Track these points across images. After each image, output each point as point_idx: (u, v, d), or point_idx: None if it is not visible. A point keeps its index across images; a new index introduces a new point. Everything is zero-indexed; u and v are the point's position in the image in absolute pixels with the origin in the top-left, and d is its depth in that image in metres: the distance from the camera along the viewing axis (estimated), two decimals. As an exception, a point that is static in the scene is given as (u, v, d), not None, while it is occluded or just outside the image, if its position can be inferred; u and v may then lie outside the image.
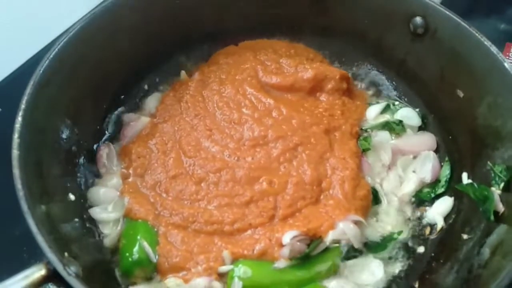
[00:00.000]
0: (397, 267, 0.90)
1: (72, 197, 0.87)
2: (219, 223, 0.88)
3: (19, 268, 0.90)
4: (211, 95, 1.05)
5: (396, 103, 1.10)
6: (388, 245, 0.90)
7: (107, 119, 1.04)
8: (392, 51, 1.09)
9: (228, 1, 1.10)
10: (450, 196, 0.97)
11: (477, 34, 0.91)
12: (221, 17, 1.12)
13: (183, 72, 1.12)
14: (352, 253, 0.88)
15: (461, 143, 0.99)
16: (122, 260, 0.84)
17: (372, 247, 0.90)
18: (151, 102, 1.08)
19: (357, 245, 0.87)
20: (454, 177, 0.98)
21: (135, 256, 0.82)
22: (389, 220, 0.94)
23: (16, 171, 0.71)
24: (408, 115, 1.07)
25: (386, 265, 0.89)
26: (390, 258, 0.90)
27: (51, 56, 0.86)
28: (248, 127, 0.99)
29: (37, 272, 0.63)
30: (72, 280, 0.62)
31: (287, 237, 0.84)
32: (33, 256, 0.94)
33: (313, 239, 0.85)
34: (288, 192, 0.91)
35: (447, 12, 0.95)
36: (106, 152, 0.98)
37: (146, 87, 1.11)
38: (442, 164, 1.01)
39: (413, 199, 0.97)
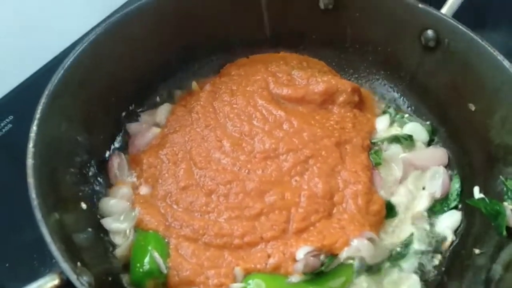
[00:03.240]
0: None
1: (84, 206, 0.87)
2: (228, 236, 0.87)
3: (29, 276, 0.91)
4: (222, 106, 1.06)
5: (406, 115, 1.10)
6: (406, 253, 0.90)
7: (118, 129, 1.05)
8: (403, 63, 1.09)
9: (238, 14, 1.11)
10: (460, 210, 0.96)
11: (489, 48, 0.91)
12: (232, 30, 1.14)
13: (194, 83, 1.13)
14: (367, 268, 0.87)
15: (472, 157, 0.98)
16: (132, 271, 0.84)
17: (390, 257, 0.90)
18: (162, 112, 1.09)
19: (370, 261, 0.86)
20: (465, 191, 0.98)
21: (146, 267, 0.82)
22: (403, 234, 0.93)
23: (30, 180, 0.71)
24: (416, 129, 1.07)
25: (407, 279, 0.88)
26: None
27: (66, 66, 0.87)
28: (259, 139, 0.99)
29: (50, 281, 0.63)
30: (85, 291, 0.62)
31: (301, 252, 0.83)
32: (43, 264, 0.94)
33: (327, 254, 0.85)
34: (301, 205, 0.90)
35: (459, 26, 0.95)
36: (117, 162, 0.98)
37: (157, 98, 1.12)
38: (452, 178, 1.00)
39: (425, 213, 0.97)
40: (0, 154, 1.12)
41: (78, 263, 0.69)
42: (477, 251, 0.88)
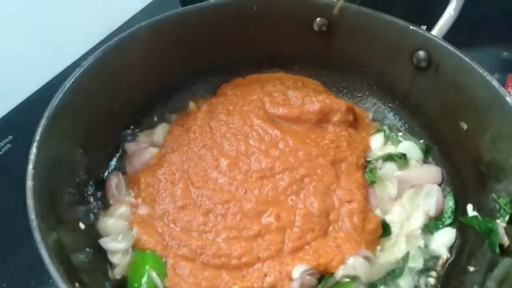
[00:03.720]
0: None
1: (82, 226, 0.88)
2: (226, 256, 0.88)
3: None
4: (218, 126, 1.07)
5: (400, 134, 1.12)
6: (402, 271, 0.91)
7: (116, 149, 1.06)
8: (395, 83, 1.11)
9: (233, 35, 1.14)
10: (455, 227, 0.97)
11: (478, 69, 0.93)
12: (227, 50, 1.16)
13: (191, 103, 1.15)
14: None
15: (465, 175, 1.00)
16: (130, 291, 0.85)
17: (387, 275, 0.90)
18: (160, 132, 1.10)
19: (366, 280, 0.87)
20: (459, 209, 0.99)
21: (144, 286, 0.83)
22: (398, 252, 0.94)
23: (30, 202, 0.72)
24: (410, 148, 1.08)
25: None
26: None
27: (65, 88, 0.89)
28: (255, 158, 1.00)
29: (49, 303, 0.64)
30: (83, 312, 0.62)
31: (297, 271, 0.84)
32: (41, 284, 0.95)
33: (323, 273, 0.85)
34: (297, 225, 0.91)
35: (449, 47, 0.97)
36: (115, 182, 0.99)
37: (155, 118, 1.13)
38: (445, 195, 1.02)
39: (420, 231, 0.98)
40: (-1, 174, 1.13)
41: (76, 284, 0.69)
42: (471, 268, 0.88)
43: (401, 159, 1.05)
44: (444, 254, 0.95)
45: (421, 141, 1.10)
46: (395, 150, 1.08)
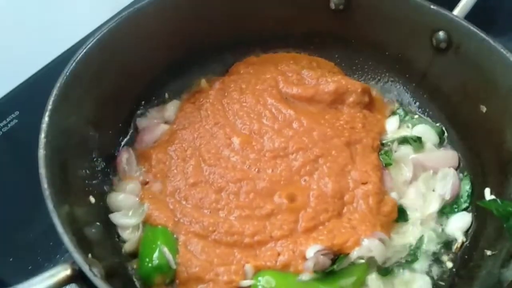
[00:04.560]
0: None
1: (92, 200, 0.86)
2: (239, 234, 0.86)
3: (33, 271, 0.90)
4: (231, 104, 1.06)
5: (416, 116, 1.10)
6: (418, 255, 0.89)
7: (127, 124, 1.04)
8: (413, 64, 1.09)
9: (248, 12, 1.11)
10: (471, 211, 0.96)
11: (501, 49, 0.91)
12: (241, 28, 1.13)
13: (203, 80, 1.13)
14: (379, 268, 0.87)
15: (483, 158, 0.98)
16: (141, 266, 0.83)
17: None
18: (171, 109, 1.08)
19: (381, 262, 0.86)
20: (476, 193, 0.97)
21: (155, 262, 0.81)
22: (413, 235, 0.92)
23: (42, 171, 0.70)
24: (425, 131, 1.06)
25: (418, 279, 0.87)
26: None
27: (78, 58, 0.87)
28: (268, 138, 0.99)
29: (62, 271, 0.62)
30: (97, 281, 0.60)
31: (311, 251, 0.83)
32: (48, 260, 0.94)
33: (337, 254, 0.84)
34: (310, 205, 0.90)
35: (472, 27, 0.95)
36: (125, 157, 0.97)
37: (166, 94, 1.11)
38: (461, 179, 1.00)
39: (436, 215, 0.96)
40: (6, 149, 1.11)
41: (89, 255, 0.67)
42: (488, 252, 0.87)
43: (416, 142, 1.04)
44: (460, 238, 0.93)
45: (438, 124, 1.08)
46: (411, 133, 1.06)
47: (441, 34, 1.00)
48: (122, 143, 1.02)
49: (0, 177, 1.04)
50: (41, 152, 0.72)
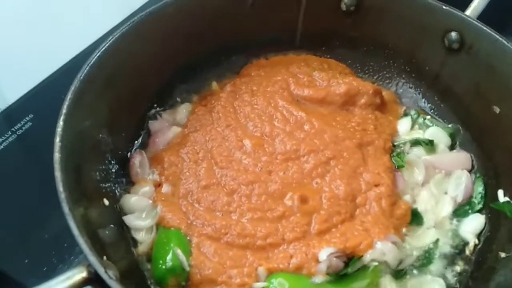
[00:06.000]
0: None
1: (106, 202, 0.87)
2: (251, 236, 0.86)
3: (48, 272, 0.91)
4: (242, 107, 1.06)
5: (428, 117, 1.09)
6: (432, 258, 0.89)
7: (140, 127, 1.05)
8: (425, 65, 1.08)
9: (258, 14, 1.11)
10: (484, 213, 0.95)
11: (515, 50, 0.90)
12: (251, 30, 1.13)
13: (214, 83, 1.13)
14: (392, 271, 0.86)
15: (496, 160, 0.97)
16: (155, 268, 0.83)
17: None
18: (182, 112, 1.09)
19: (394, 265, 0.85)
20: (489, 195, 0.96)
21: (169, 264, 0.81)
22: (426, 238, 0.92)
23: (57, 174, 0.71)
24: (437, 134, 1.05)
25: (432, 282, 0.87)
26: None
27: (91, 63, 0.87)
28: (280, 140, 0.99)
29: (78, 274, 0.62)
30: (113, 284, 0.61)
31: (324, 253, 0.82)
32: (62, 261, 0.94)
33: (350, 256, 0.84)
34: (323, 207, 0.89)
35: (484, 28, 0.94)
36: (138, 160, 0.98)
37: (178, 98, 1.12)
38: (474, 181, 0.99)
39: (449, 218, 0.95)
40: (20, 152, 1.13)
41: (104, 257, 0.68)
42: (503, 255, 0.86)
43: (428, 145, 1.03)
44: (473, 240, 0.92)
45: (450, 125, 1.07)
46: (423, 136, 1.06)
47: (453, 34, 0.99)
48: (135, 146, 1.03)
49: (14, 180, 1.06)
50: (56, 156, 0.73)
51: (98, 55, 0.88)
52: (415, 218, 0.93)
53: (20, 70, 1.25)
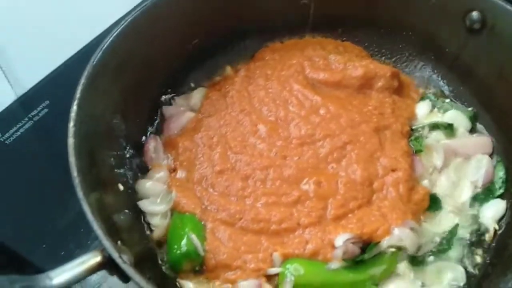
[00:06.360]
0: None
1: (121, 187, 0.87)
2: (266, 221, 0.86)
3: (65, 258, 0.92)
4: (257, 91, 1.04)
5: (447, 100, 1.06)
6: (451, 244, 0.87)
7: (154, 113, 1.04)
8: (445, 47, 1.05)
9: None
10: (505, 199, 0.93)
11: (540, 30, 0.87)
12: (265, 13, 1.11)
13: (228, 68, 1.12)
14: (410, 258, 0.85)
15: (519, 143, 0.94)
16: (170, 253, 0.84)
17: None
18: (196, 96, 1.08)
19: (412, 251, 0.84)
20: (510, 179, 0.94)
21: (184, 248, 0.81)
22: (445, 224, 0.90)
23: (72, 159, 0.71)
24: (457, 117, 1.02)
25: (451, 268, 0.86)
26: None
27: (104, 47, 0.87)
28: (294, 124, 0.97)
29: (93, 258, 0.63)
30: (127, 268, 0.61)
31: (340, 239, 0.81)
32: (79, 246, 0.95)
33: (366, 242, 0.83)
34: (339, 192, 0.88)
35: (508, 6, 0.91)
36: (153, 145, 0.98)
37: (192, 83, 1.11)
38: (495, 165, 0.97)
39: (468, 203, 0.93)
40: (37, 138, 1.14)
41: (119, 242, 0.68)
42: (524, 240, 0.85)
43: (447, 129, 1.00)
44: (493, 226, 0.90)
45: (470, 108, 1.04)
46: (442, 118, 1.03)
47: (474, 14, 0.96)
48: (149, 131, 1.03)
49: (31, 166, 1.07)
50: (70, 141, 0.73)
51: (111, 39, 0.87)
52: (434, 203, 0.91)
53: (35, 57, 1.25)
